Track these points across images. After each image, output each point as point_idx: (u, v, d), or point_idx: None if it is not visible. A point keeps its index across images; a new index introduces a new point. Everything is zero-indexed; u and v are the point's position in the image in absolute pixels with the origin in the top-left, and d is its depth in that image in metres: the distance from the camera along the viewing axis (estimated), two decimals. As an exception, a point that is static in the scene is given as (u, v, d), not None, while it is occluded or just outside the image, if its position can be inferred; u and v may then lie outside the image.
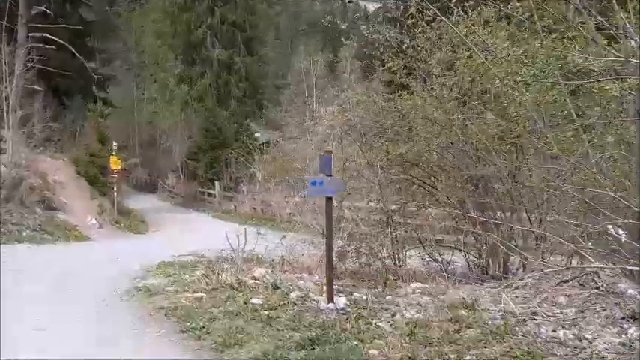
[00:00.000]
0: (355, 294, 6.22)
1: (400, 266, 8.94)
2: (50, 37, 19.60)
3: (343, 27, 63.13)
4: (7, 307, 5.93)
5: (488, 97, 8.58)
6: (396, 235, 9.12)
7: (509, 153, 8.30)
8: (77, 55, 24.17)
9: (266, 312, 5.48)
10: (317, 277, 7.71)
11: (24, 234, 12.97)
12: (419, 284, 6.54)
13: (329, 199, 5.99)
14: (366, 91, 10.35)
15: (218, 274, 7.50)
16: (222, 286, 6.59)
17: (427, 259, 8.98)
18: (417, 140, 8.96)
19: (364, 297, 5.86)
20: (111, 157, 18.54)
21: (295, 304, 5.78)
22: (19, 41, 20.47)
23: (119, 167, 18.60)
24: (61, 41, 21.17)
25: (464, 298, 5.14)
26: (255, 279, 6.98)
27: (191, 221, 22.33)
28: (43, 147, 17.31)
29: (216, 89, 31.71)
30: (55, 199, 16.72)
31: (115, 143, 18.85)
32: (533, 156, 8.16)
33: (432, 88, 8.92)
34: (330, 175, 5.93)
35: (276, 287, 6.41)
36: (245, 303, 5.85)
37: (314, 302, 5.82)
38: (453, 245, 8.98)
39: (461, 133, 8.36)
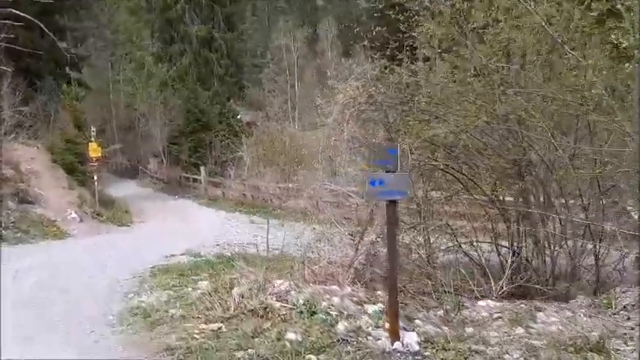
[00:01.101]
0: (416, 320, 4.83)
1: (434, 267, 7.61)
2: (16, 12, 17.48)
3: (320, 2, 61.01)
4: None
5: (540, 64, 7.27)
6: (427, 232, 7.76)
7: (568, 133, 6.99)
8: (47, 32, 22.20)
9: (313, 357, 4.06)
10: (350, 290, 6.30)
11: (-6, 234, 11.32)
12: (494, 303, 5.16)
13: (391, 203, 4.53)
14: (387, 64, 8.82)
15: (230, 288, 6.05)
16: (244, 313, 5.12)
17: (463, 257, 7.71)
18: (451, 120, 7.61)
19: (436, 328, 4.47)
20: (90, 143, 16.78)
21: (348, 341, 4.36)
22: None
23: (99, 154, 16.86)
24: (29, 17, 19.12)
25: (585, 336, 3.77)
26: (280, 298, 5.54)
27: (177, 209, 20.75)
28: (14, 133, 15.49)
29: (197, 68, 29.76)
30: (30, 191, 15.00)
31: (93, 128, 17.07)
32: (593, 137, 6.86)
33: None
34: (393, 172, 4.49)
35: (312, 313, 4.99)
36: (279, 340, 4.44)
37: (372, 339, 4.41)
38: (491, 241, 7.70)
39: (507, 110, 7.04)
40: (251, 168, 22.68)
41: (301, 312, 5.03)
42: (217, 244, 12.12)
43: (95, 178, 16.96)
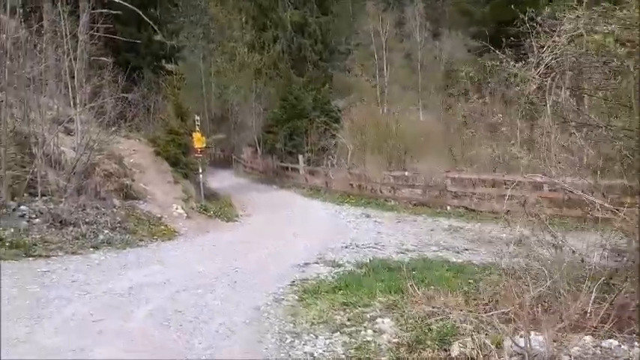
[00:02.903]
0: None
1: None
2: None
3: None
4: None
5: None
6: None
7: None
8: (145, 25, 21.06)
9: None
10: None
11: (100, 237, 9.67)
12: None
13: None
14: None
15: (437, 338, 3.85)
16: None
17: None
18: None
19: None
20: (194, 133, 15.14)
21: None
22: (82, 9, 17.16)
23: (203, 145, 15.19)
24: (130, 6, 17.88)
25: None
26: None
27: (280, 201, 18.90)
28: (116, 126, 14.02)
29: (290, 54, 27.85)
30: (134, 186, 13.51)
31: (197, 117, 15.41)
32: None
33: None
34: None
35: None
36: None
37: None
38: None
39: None
40: (354, 155, 20.48)
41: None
42: (344, 246, 10.01)
43: (200, 170, 15.32)
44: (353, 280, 6.94)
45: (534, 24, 5.96)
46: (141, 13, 19.09)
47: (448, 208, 14.53)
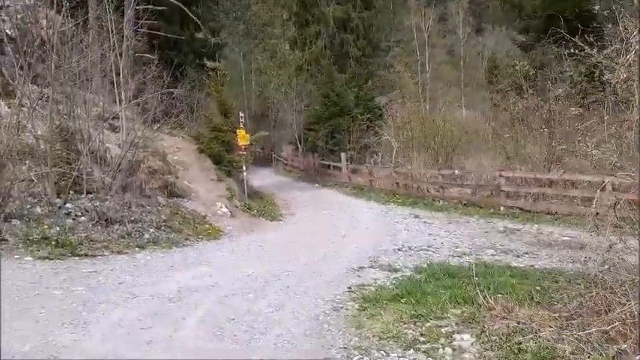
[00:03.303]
0: None
1: None
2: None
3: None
4: None
5: None
6: None
7: None
8: (188, 23, 21.01)
9: None
10: None
11: (145, 236, 9.39)
12: None
13: None
14: None
15: None
16: None
17: None
18: None
19: None
20: (238, 130, 14.81)
21: None
22: (127, 5, 17.08)
23: (247, 142, 14.84)
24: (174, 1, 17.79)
25: None
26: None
27: (323, 200, 18.41)
28: (161, 123, 13.80)
29: (332, 50, 27.36)
30: (178, 184, 13.28)
31: (241, 114, 15.08)
32: None
33: None
34: None
35: None
36: None
37: None
38: None
39: None
40: (399, 153, 19.85)
41: None
42: (397, 249, 9.45)
43: (244, 167, 14.99)
44: (414, 286, 6.40)
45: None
46: (185, 9, 18.96)
47: (502, 208, 13.79)
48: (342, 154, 23.08)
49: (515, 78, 21.06)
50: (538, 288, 6.57)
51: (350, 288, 6.29)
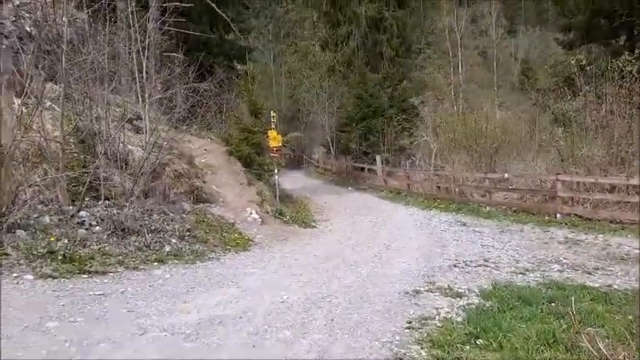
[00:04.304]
0: None
1: None
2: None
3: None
4: None
5: None
6: None
7: None
8: (222, 20, 19.94)
9: None
10: None
11: (166, 248, 8.17)
12: None
13: None
14: None
15: None
16: None
17: None
18: None
19: None
20: (269, 131, 13.54)
21: None
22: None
23: (279, 143, 13.55)
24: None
25: None
26: None
27: (359, 204, 17.01)
28: (187, 124, 12.64)
29: (364, 51, 25.97)
30: (205, 188, 12.10)
31: (273, 114, 13.76)
32: None
33: None
34: None
35: None
36: None
37: None
38: None
39: None
40: (438, 155, 18.34)
41: None
42: (452, 264, 8.05)
43: (275, 171, 13.72)
44: (487, 320, 5.02)
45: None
46: (215, 7, 17.87)
47: (558, 216, 12.20)
48: (377, 157, 21.66)
49: (565, 75, 19.40)
50: (630, 317, 5.25)
51: (410, 323, 4.92)
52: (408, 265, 7.88)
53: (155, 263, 7.53)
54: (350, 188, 21.79)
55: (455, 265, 7.96)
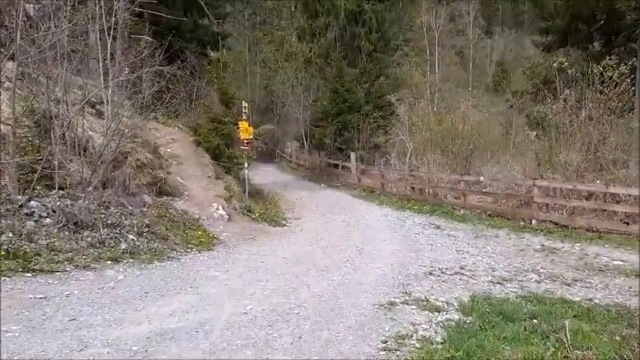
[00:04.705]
0: None
1: None
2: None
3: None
4: None
5: None
6: None
7: None
8: (195, 5, 19.19)
9: None
10: None
11: (122, 245, 7.54)
12: None
13: None
14: None
15: None
16: None
17: None
18: None
19: None
20: (240, 122, 12.90)
21: None
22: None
23: (250, 136, 12.92)
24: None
25: None
26: None
27: (331, 202, 16.53)
28: (153, 110, 11.89)
29: (342, 44, 25.45)
30: (170, 181, 11.45)
31: (245, 103, 13.09)
32: None
33: None
34: None
35: None
36: None
37: None
38: None
39: None
40: (413, 155, 17.98)
41: None
42: (427, 272, 7.66)
43: (246, 164, 13.11)
44: (469, 339, 4.62)
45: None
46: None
47: (533, 222, 11.96)
48: (352, 154, 21.21)
49: (542, 77, 19.23)
50: (618, 338, 4.93)
51: (385, 342, 4.46)
52: (382, 271, 7.44)
53: (108, 262, 6.91)
54: (323, 185, 21.31)
55: (430, 273, 7.56)
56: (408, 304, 5.74)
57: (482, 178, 13.94)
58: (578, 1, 22.99)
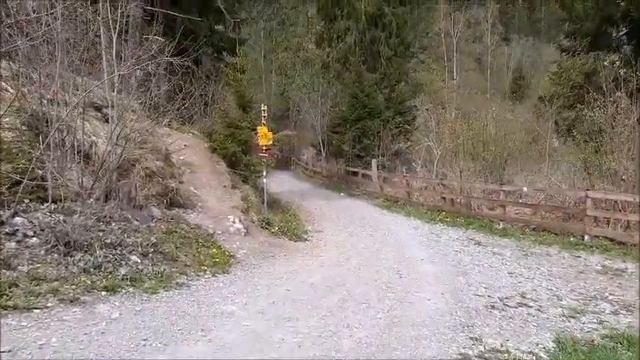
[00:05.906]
0: None
1: None
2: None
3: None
4: None
5: None
6: None
7: None
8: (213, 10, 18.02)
9: None
10: None
11: (121, 270, 6.15)
12: None
13: None
14: None
15: None
16: None
17: None
18: None
19: None
20: (259, 127, 11.49)
21: None
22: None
23: (269, 142, 11.51)
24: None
25: None
26: None
27: (353, 213, 15.06)
28: (164, 112, 10.54)
29: (361, 49, 24.07)
30: (182, 191, 10.07)
31: (264, 107, 11.66)
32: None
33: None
34: None
35: None
36: None
37: None
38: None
39: None
40: (440, 162, 16.50)
41: None
42: (487, 304, 6.21)
43: (264, 173, 11.71)
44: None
45: None
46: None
47: (586, 237, 10.42)
48: (373, 161, 19.75)
49: (575, 82, 17.72)
50: None
51: None
52: (434, 304, 5.99)
53: (103, 293, 5.53)
54: (342, 194, 19.85)
55: (492, 306, 6.10)
56: (485, 359, 4.27)
57: (525, 189, 12.38)
58: (609, 3, 21.53)
